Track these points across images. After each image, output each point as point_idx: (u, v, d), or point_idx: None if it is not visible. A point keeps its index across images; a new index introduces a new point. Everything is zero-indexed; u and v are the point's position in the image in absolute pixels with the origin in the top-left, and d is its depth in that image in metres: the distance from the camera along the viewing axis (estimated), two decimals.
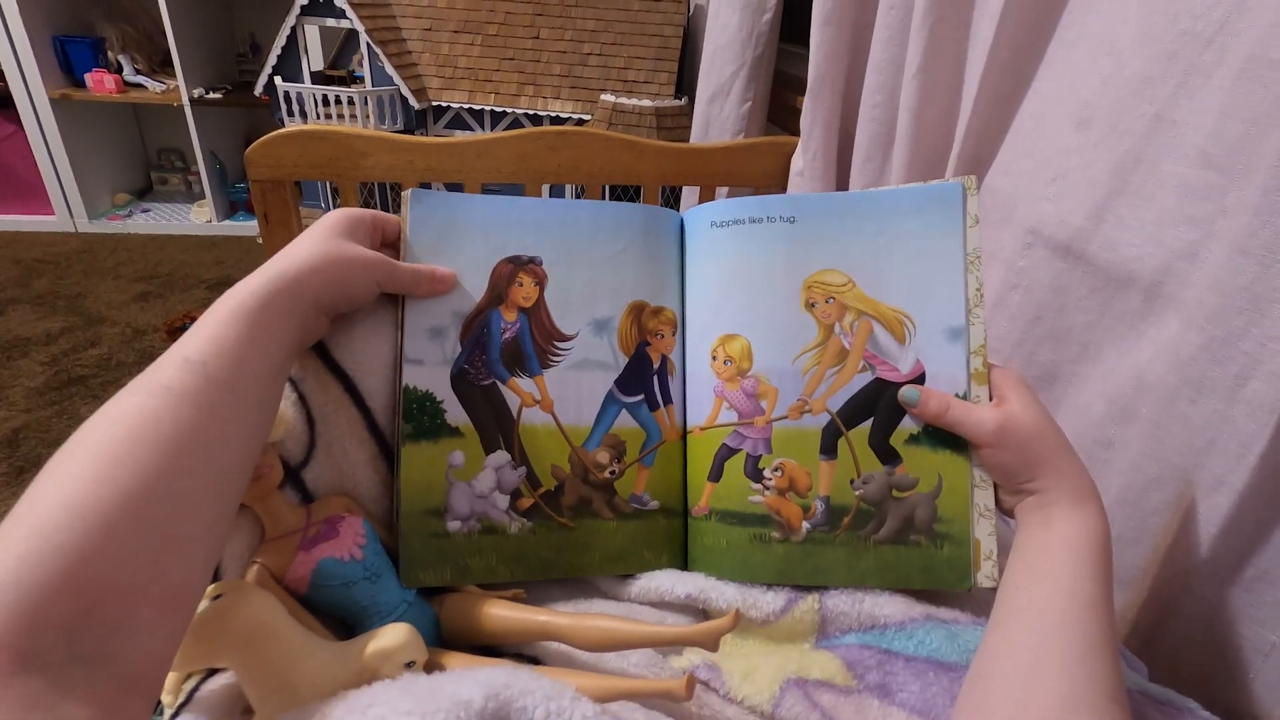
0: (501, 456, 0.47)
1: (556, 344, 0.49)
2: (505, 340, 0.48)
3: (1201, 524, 0.45)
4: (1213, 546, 0.45)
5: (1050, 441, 0.42)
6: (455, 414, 0.46)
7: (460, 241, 0.48)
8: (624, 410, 0.49)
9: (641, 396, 0.50)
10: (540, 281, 0.49)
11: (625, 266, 0.51)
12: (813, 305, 0.48)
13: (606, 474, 0.48)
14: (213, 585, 0.39)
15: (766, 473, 0.47)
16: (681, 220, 0.53)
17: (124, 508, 0.27)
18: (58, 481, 0.28)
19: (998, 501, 0.45)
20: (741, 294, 0.49)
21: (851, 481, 0.46)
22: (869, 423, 0.47)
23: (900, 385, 0.46)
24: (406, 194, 0.48)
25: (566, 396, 0.48)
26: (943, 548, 0.45)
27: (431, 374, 0.46)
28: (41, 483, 0.28)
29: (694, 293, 0.51)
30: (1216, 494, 0.44)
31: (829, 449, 0.47)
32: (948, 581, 0.45)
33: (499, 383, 0.47)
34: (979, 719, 0.34)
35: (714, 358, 0.49)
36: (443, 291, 0.47)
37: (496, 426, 0.47)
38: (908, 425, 0.46)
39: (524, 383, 0.48)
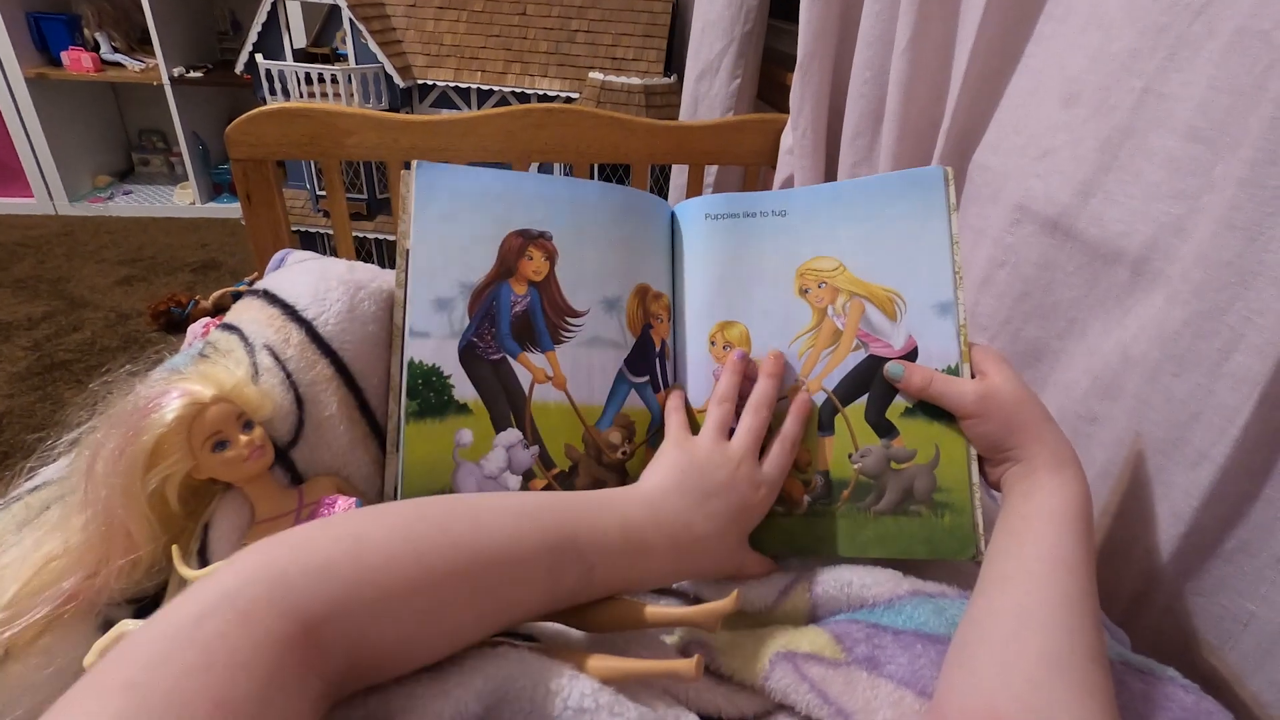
0: (513, 435, 0.46)
1: (568, 319, 0.48)
2: (515, 314, 0.47)
3: (1184, 497, 0.46)
4: (1194, 519, 0.46)
5: (1030, 410, 0.44)
6: (463, 390, 0.45)
7: (467, 213, 0.47)
8: (633, 391, 0.49)
9: (648, 378, 0.50)
10: (551, 256, 0.48)
11: (631, 249, 0.51)
12: (806, 291, 0.49)
13: (619, 454, 0.48)
14: (208, 568, 0.39)
15: None
16: (672, 212, 0.54)
17: (445, 594, 0.30)
18: (408, 528, 0.31)
19: (984, 474, 0.46)
20: (738, 283, 0.50)
21: (850, 456, 0.47)
22: (865, 398, 0.48)
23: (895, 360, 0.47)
24: (411, 165, 0.47)
25: (579, 374, 0.48)
26: (944, 517, 0.46)
27: (438, 347, 0.45)
28: (399, 515, 0.32)
29: (692, 281, 0.52)
30: (1199, 467, 0.45)
31: (827, 425, 0.48)
32: (950, 550, 0.45)
33: (509, 358, 0.46)
34: (964, 683, 0.35)
35: (713, 343, 0.50)
36: None
37: (507, 403, 0.46)
38: (903, 399, 0.47)
39: (535, 358, 0.47)
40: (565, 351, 0.48)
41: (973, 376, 0.46)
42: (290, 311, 0.46)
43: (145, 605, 0.40)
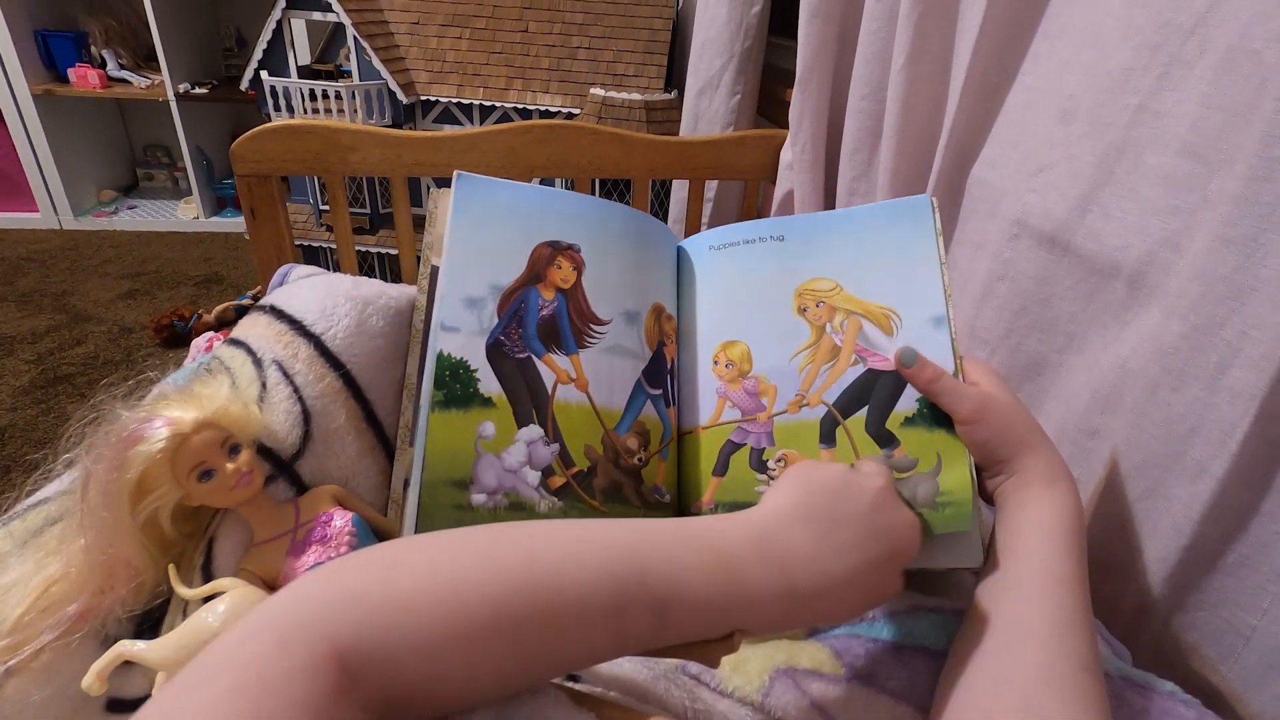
0: (534, 431, 0.47)
1: (593, 326, 0.50)
2: (542, 317, 0.49)
3: (1184, 510, 0.46)
4: (1195, 532, 0.45)
5: (1025, 422, 0.44)
6: (488, 384, 0.47)
7: (501, 223, 0.50)
8: (649, 401, 0.51)
9: (662, 391, 0.52)
10: (578, 267, 0.51)
11: (649, 270, 0.54)
12: (804, 310, 0.51)
13: (635, 459, 0.49)
14: (206, 585, 0.39)
15: (770, 464, 0.48)
16: (680, 245, 0.58)
17: (491, 639, 0.27)
18: (475, 563, 0.28)
19: (980, 486, 0.46)
20: (740, 306, 0.53)
21: (851, 467, 0.47)
22: (864, 411, 0.48)
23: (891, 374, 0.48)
24: (453, 176, 0.50)
25: (600, 379, 0.49)
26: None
27: (466, 342, 0.47)
28: (471, 543, 0.29)
29: (700, 307, 0.55)
30: (1199, 481, 0.45)
31: (828, 438, 0.48)
32: (956, 556, 0.45)
33: (534, 357, 0.48)
34: (959, 696, 0.35)
35: (715, 362, 0.52)
36: None
37: (530, 400, 0.47)
38: (902, 409, 0.47)
39: (560, 360, 0.49)
40: (588, 356, 0.50)
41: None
42: (298, 327, 0.47)
43: (147, 624, 0.40)
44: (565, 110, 1.68)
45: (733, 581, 0.31)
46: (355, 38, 1.60)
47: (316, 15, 1.63)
